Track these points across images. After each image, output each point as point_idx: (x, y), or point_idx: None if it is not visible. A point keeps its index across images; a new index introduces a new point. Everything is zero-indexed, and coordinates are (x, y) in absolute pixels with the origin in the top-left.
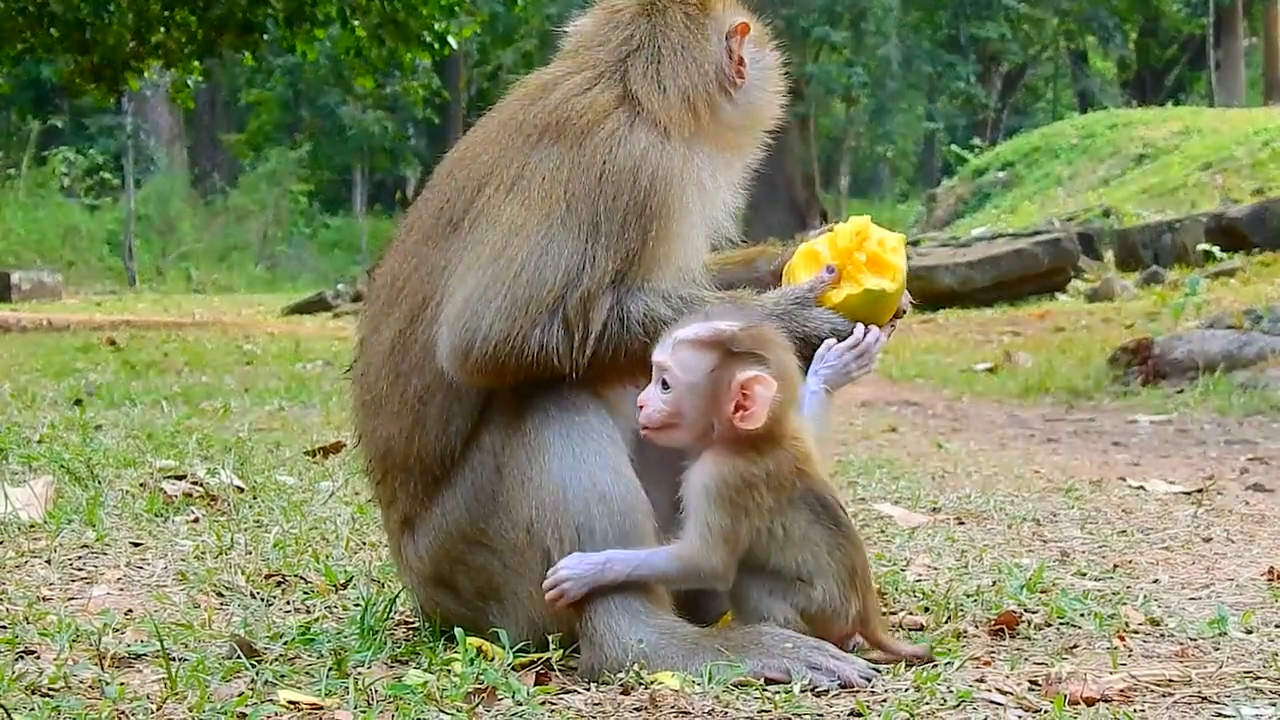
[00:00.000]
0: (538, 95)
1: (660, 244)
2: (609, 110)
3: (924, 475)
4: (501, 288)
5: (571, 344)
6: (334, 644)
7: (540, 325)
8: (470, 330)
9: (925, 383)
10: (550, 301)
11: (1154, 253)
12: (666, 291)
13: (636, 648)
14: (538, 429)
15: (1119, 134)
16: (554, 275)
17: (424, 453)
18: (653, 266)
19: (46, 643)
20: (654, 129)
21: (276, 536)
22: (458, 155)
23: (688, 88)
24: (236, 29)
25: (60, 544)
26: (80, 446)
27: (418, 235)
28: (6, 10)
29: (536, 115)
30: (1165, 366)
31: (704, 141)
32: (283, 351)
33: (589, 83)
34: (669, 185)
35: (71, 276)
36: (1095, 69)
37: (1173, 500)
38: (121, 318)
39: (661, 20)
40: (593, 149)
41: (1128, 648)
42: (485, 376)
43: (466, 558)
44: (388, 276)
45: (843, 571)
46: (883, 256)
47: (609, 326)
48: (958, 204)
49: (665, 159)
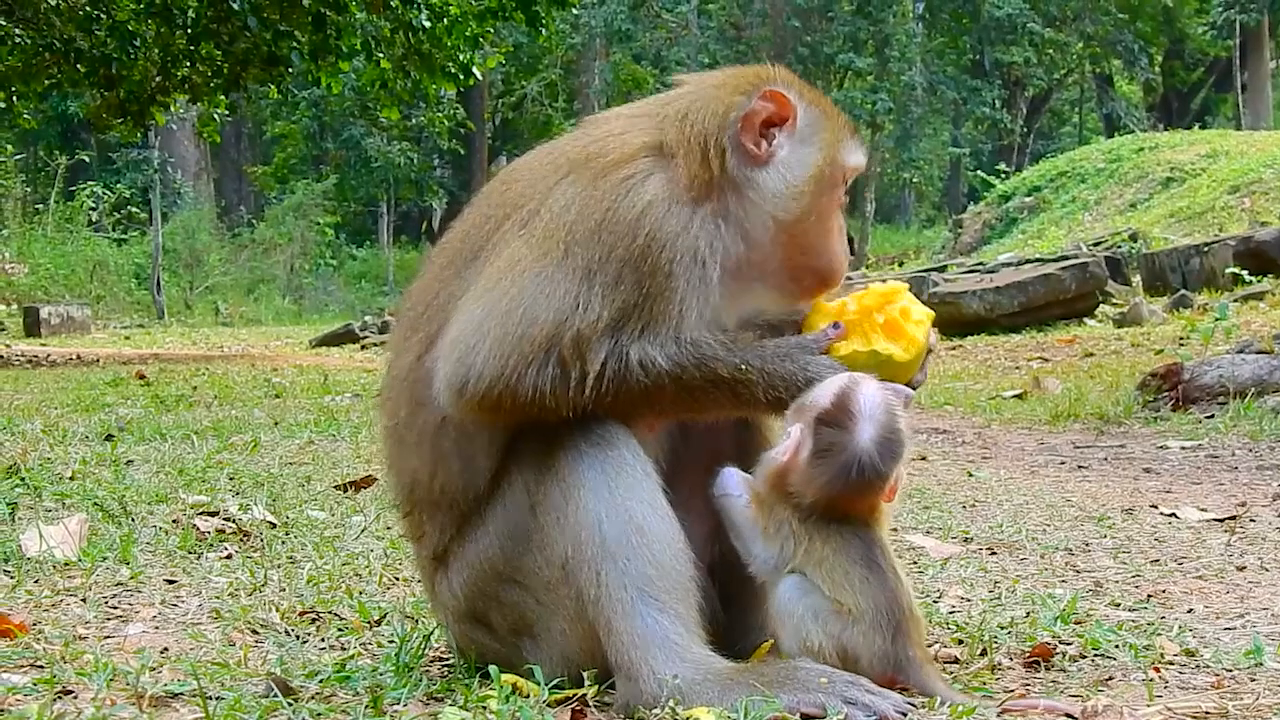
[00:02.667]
0: (586, 129)
1: (658, 300)
2: (635, 154)
3: (955, 504)
4: (494, 324)
5: (568, 384)
6: (369, 681)
7: (535, 364)
8: (464, 365)
9: (954, 410)
10: (544, 340)
11: (1182, 277)
12: (665, 339)
13: (672, 683)
14: (571, 465)
15: (1145, 158)
16: (546, 314)
17: (449, 487)
18: (652, 318)
19: (84, 682)
20: (670, 183)
21: (310, 572)
22: (497, 181)
23: (706, 134)
24: (261, 62)
25: (95, 582)
26: (113, 483)
27: (443, 260)
28: (33, 46)
29: (571, 148)
30: (1195, 392)
31: (714, 211)
32: (311, 384)
33: (628, 125)
34: (667, 244)
35: (100, 310)
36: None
37: (1205, 528)
38: (150, 351)
39: (711, 80)
40: (603, 192)
41: (1163, 679)
42: (482, 413)
43: (500, 595)
44: (413, 300)
45: (881, 616)
46: (901, 324)
47: (608, 369)
48: (984, 229)
49: (669, 218)
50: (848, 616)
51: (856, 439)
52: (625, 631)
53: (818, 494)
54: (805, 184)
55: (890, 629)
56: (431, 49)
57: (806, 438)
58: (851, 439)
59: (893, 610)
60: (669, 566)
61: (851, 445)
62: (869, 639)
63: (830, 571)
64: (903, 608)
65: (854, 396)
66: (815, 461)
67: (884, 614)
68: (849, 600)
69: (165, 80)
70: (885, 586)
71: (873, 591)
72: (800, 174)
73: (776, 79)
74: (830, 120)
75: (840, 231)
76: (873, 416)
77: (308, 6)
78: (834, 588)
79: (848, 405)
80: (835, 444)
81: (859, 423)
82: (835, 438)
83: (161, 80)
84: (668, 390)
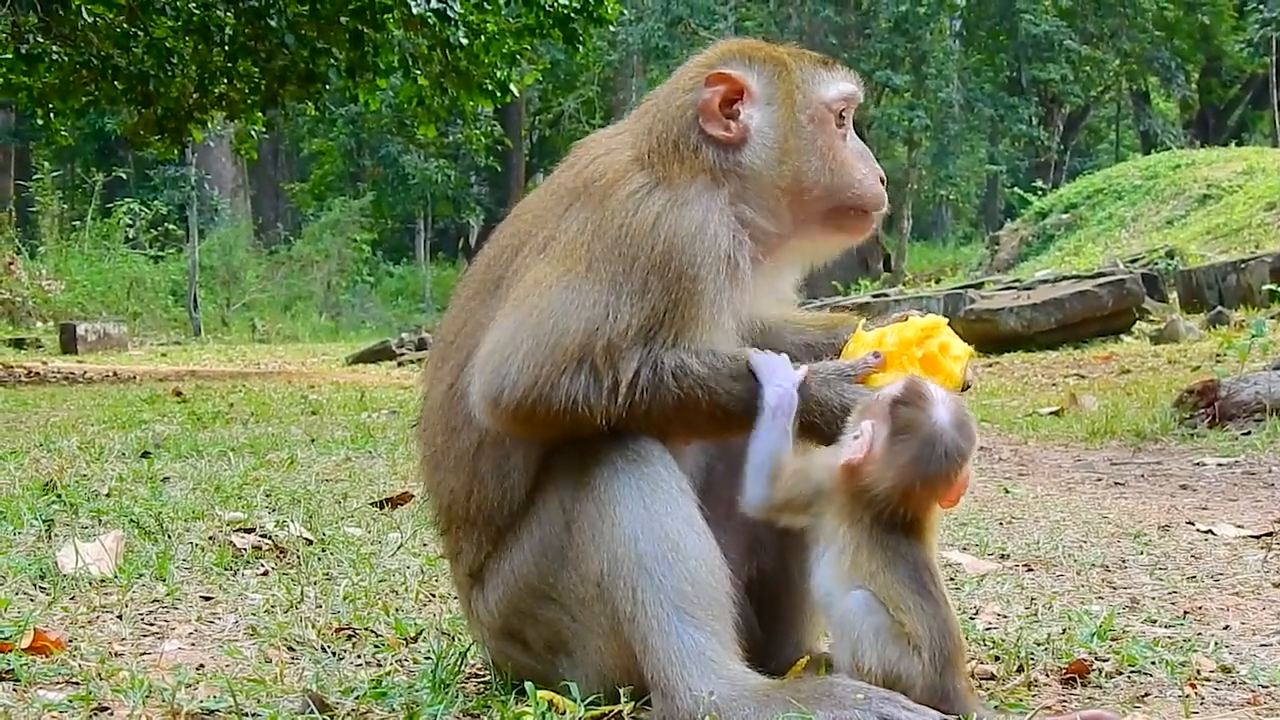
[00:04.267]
0: (575, 159)
1: (687, 304)
2: (627, 171)
3: (991, 521)
4: (527, 334)
5: (602, 393)
6: (406, 698)
7: (568, 373)
8: (499, 375)
9: (991, 427)
10: (575, 349)
11: (1219, 294)
12: (699, 348)
13: (708, 700)
14: (607, 482)
15: (1182, 175)
16: (578, 323)
17: (485, 505)
18: (684, 325)
19: (120, 699)
20: (671, 188)
21: (346, 589)
22: (511, 214)
23: (676, 140)
24: (299, 79)
25: (131, 599)
26: (149, 499)
27: (469, 291)
28: (70, 63)
29: (569, 179)
30: (1232, 408)
31: (730, 198)
32: (348, 401)
33: (612, 146)
34: (686, 248)
35: (137, 328)
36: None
37: (1242, 544)
38: (187, 368)
39: (667, 86)
40: (612, 210)
41: (1200, 696)
42: (517, 425)
43: (536, 612)
44: (443, 332)
45: (936, 645)
46: (939, 360)
47: (641, 376)
48: (1021, 246)
49: (682, 221)
50: (907, 643)
51: (936, 416)
52: (661, 648)
53: (897, 479)
54: (787, 140)
55: (942, 660)
56: (469, 66)
57: (881, 425)
58: (930, 416)
59: (945, 641)
60: (705, 583)
61: (931, 421)
62: (925, 671)
63: (887, 590)
64: (953, 637)
65: (922, 384)
66: (896, 440)
67: (938, 643)
68: (910, 625)
69: (202, 97)
70: (939, 614)
71: (929, 619)
72: (778, 134)
73: (717, 59)
74: (788, 70)
75: (860, 157)
76: (945, 400)
77: (345, 24)
78: (896, 609)
79: (920, 390)
80: (915, 420)
81: (935, 404)
82: (914, 415)
83: (199, 97)
84: (701, 404)
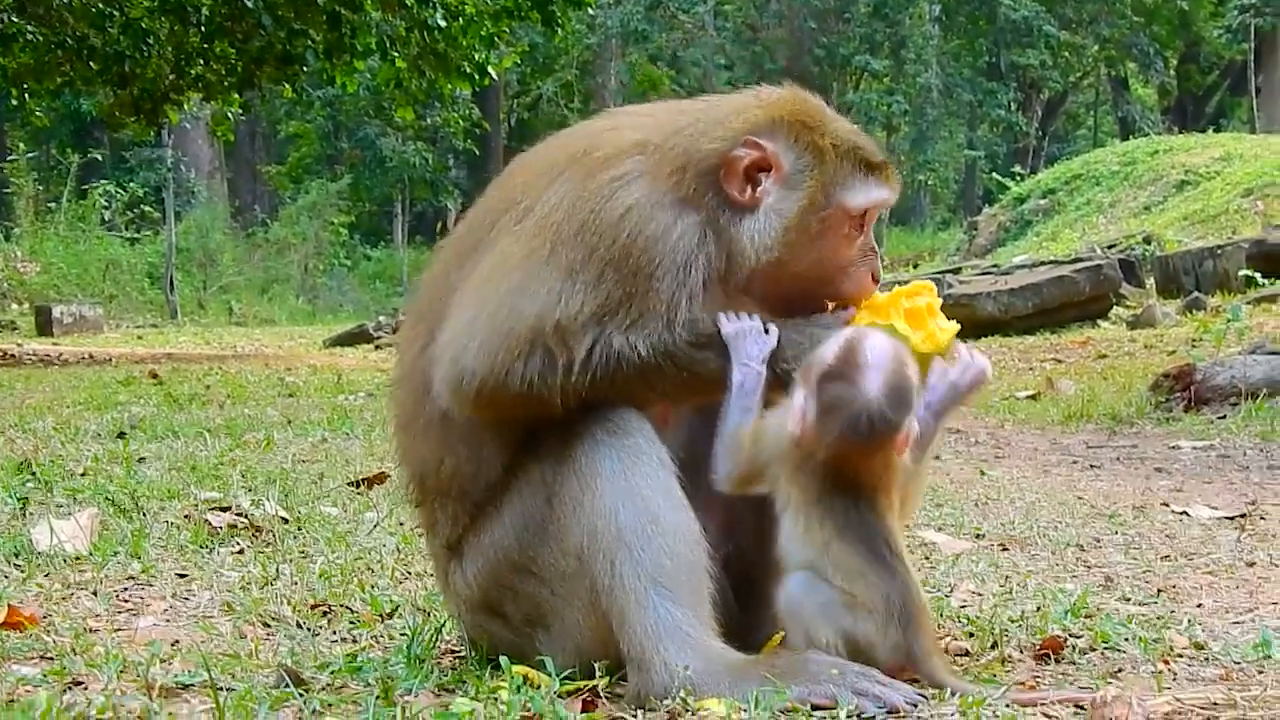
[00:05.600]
0: (589, 123)
1: (642, 299)
2: (625, 152)
3: (967, 502)
4: (482, 323)
5: (557, 371)
6: (381, 673)
7: (522, 357)
8: (457, 365)
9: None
10: (528, 333)
11: (1195, 279)
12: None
13: (684, 674)
14: (588, 455)
15: (1160, 161)
16: (530, 309)
17: (459, 474)
18: (637, 315)
19: (94, 674)
20: (654, 186)
21: (322, 567)
22: (507, 170)
23: (688, 162)
24: (276, 61)
25: (106, 576)
26: (124, 479)
27: (449, 252)
28: (45, 44)
29: (570, 143)
30: (1207, 392)
31: (702, 222)
32: (325, 384)
33: (629, 123)
34: (648, 248)
35: (113, 310)
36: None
37: (1216, 525)
38: (163, 351)
39: (724, 112)
40: (591, 191)
41: (1172, 672)
42: (480, 410)
43: (515, 585)
44: (420, 293)
45: (894, 607)
46: (925, 316)
47: (595, 353)
48: (999, 231)
49: (650, 222)
50: (860, 609)
51: (863, 390)
52: (638, 622)
53: (829, 451)
54: (790, 232)
55: (904, 621)
56: (447, 48)
57: (810, 399)
58: (858, 391)
59: (905, 604)
60: (683, 556)
61: (859, 397)
62: (883, 630)
63: (840, 558)
64: (915, 600)
65: (859, 348)
66: (822, 419)
67: (896, 604)
68: (861, 591)
69: (179, 78)
70: (896, 579)
71: (884, 582)
72: (783, 222)
73: (764, 123)
74: (824, 163)
75: (862, 258)
76: (879, 365)
77: (322, 5)
78: (847, 578)
79: (853, 356)
80: (841, 398)
81: (865, 373)
82: (840, 392)
83: (175, 78)
84: (666, 370)
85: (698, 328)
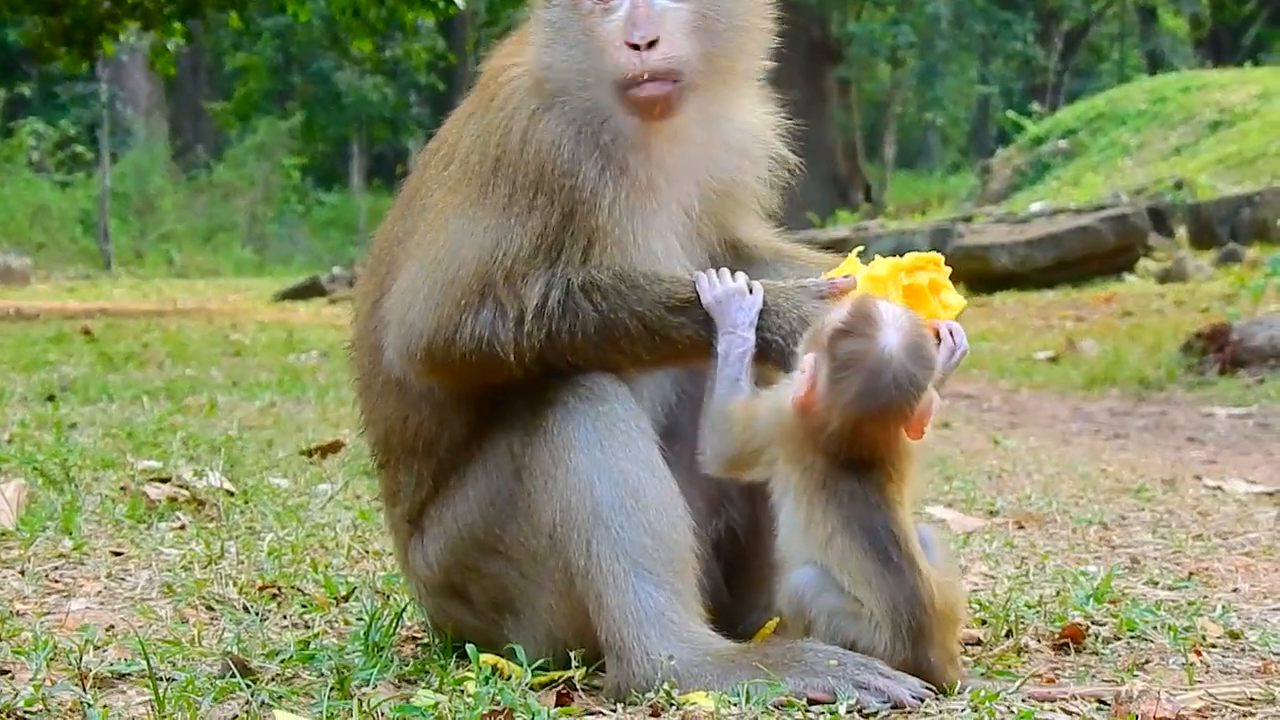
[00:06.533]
0: (488, 62)
1: (580, 214)
2: (515, 80)
3: (980, 475)
4: (425, 276)
5: (509, 325)
6: (335, 662)
7: (471, 309)
8: (405, 325)
9: (980, 373)
10: (474, 282)
11: (1231, 229)
12: (614, 267)
13: (667, 665)
14: (560, 424)
15: (1192, 98)
16: (472, 254)
17: (424, 432)
18: (585, 238)
19: (22, 661)
20: (534, 95)
21: (271, 544)
22: (449, 118)
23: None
24: None
25: (34, 554)
26: (54, 447)
27: (400, 200)
28: None
29: (478, 82)
30: (1244, 354)
31: (564, 106)
32: (274, 341)
33: (513, 58)
34: (554, 154)
35: (41, 260)
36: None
37: (1253, 501)
38: (97, 305)
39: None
40: (495, 125)
41: (1204, 663)
42: (433, 374)
43: (480, 566)
44: (375, 245)
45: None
46: (926, 294)
47: (550, 300)
48: (1014, 176)
49: (546, 130)
50: (867, 620)
51: (882, 343)
52: (617, 607)
53: (844, 416)
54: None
55: (911, 635)
56: None
57: (822, 360)
58: (876, 344)
59: (913, 612)
60: (666, 535)
61: (877, 350)
62: (890, 649)
63: (843, 555)
64: (925, 607)
65: (873, 305)
66: (837, 376)
67: (904, 617)
68: (866, 598)
69: (115, 6)
70: (904, 584)
71: (891, 590)
72: (547, 33)
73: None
74: None
75: (619, 29)
76: (896, 323)
77: None
78: (853, 582)
79: (867, 313)
80: (857, 352)
81: (882, 329)
82: (857, 346)
83: (111, 6)
84: (632, 330)
85: (669, 290)
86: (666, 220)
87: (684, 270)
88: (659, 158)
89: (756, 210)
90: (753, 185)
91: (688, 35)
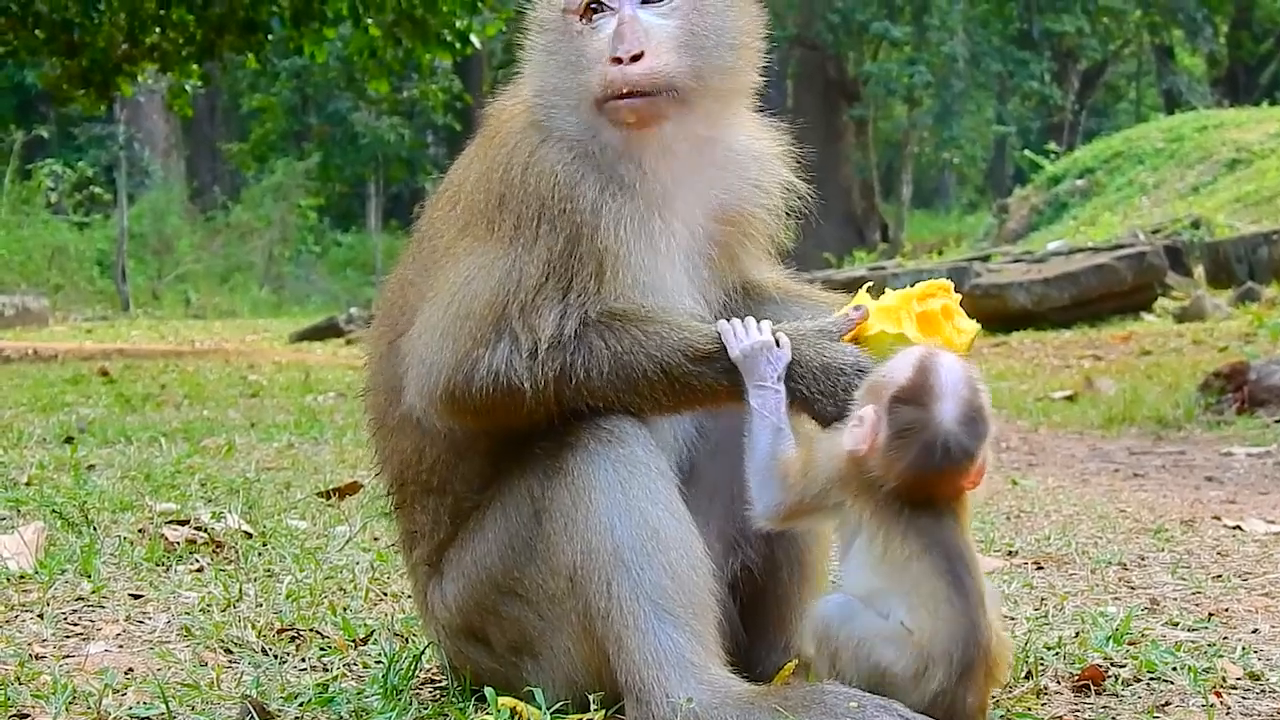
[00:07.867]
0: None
1: (585, 237)
2: (516, 117)
3: (998, 515)
4: (440, 315)
5: (523, 359)
6: (354, 705)
7: (488, 345)
8: (424, 364)
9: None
10: (490, 317)
11: (1249, 267)
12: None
13: (687, 708)
14: (580, 467)
15: (1209, 137)
16: (486, 290)
17: (440, 469)
18: (592, 261)
19: (41, 705)
20: (535, 133)
21: (289, 587)
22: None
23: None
24: (238, 29)
25: (53, 596)
26: (73, 489)
27: (413, 244)
28: None
29: (481, 125)
30: (1263, 393)
31: (553, 134)
32: (291, 382)
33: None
34: (552, 182)
35: (59, 301)
36: (1182, 65)
37: (1272, 541)
38: (114, 346)
39: None
40: (496, 162)
41: (1225, 705)
42: (454, 414)
43: (499, 608)
44: (389, 287)
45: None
46: (940, 321)
47: (564, 332)
48: (1031, 215)
49: (544, 156)
50: (908, 647)
51: (938, 416)
52: (637, 649)
53: (900, 478)
54: (537, 56)
55: (960, 668)
56: (425, 14)
57: (882, 419)
58: (932, 416)
59: (969, 645)
60: (686, 577)
61: (933, 423)
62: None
63: (920, 578)
64: (979, 645)
65: (933, 371)
66: (894, 443)
67: (959, 646)
68: (925, 624)
69: (132, 48)
70: (968, 614)
71: (954, 620)
72: (537, 56)
73: None
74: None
75: (605, 45)
76: (954, 392)
77: None
78: (918, 602)
79: (926, 381)
80: (915, 422)
81: (940, 400)
82: (915, 416)
83: (128, 48)
84: (649, 371)
85: (689, 340)
86: (674, 243)
87: (696, 304)
88: (653, 170)
89: (767, 246)
90: (763, 217)
91: (674, 50)
